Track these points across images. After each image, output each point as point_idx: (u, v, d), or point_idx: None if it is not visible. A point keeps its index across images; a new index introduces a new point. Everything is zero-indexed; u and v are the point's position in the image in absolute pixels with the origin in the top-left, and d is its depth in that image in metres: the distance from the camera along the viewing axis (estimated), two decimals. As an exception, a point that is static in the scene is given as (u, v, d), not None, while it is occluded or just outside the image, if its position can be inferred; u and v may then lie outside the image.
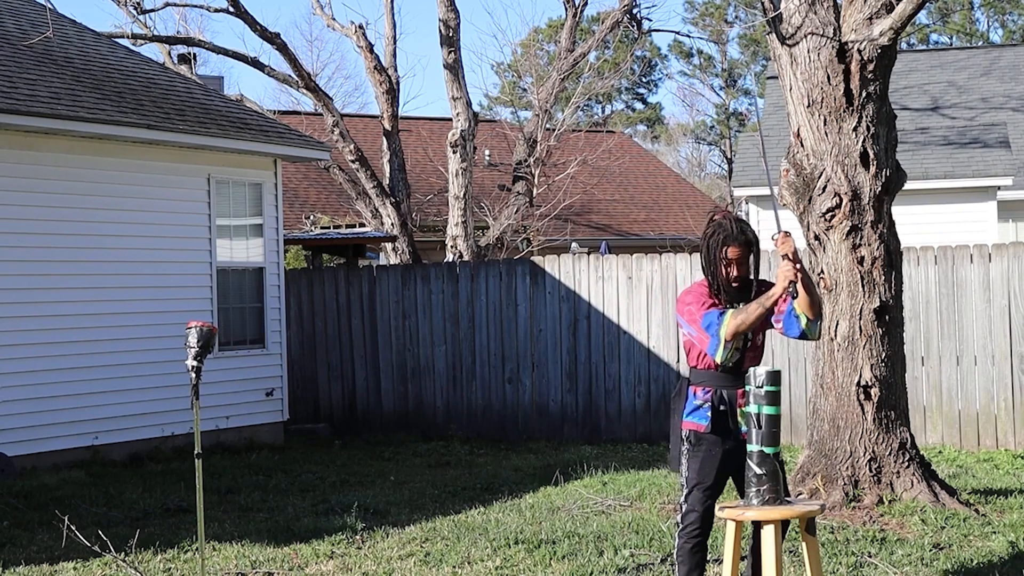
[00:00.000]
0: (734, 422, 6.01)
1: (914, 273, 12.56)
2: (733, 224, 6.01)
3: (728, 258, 5.96)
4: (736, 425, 6.01)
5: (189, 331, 6.54)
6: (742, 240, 5.97)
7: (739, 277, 5.98)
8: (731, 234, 5.98)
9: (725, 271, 5.96)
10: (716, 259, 5.97)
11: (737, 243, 5.96)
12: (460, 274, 14.68)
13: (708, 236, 6.03)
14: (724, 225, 6.01)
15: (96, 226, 12.39)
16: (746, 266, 5.99)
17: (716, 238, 5.98)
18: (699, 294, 6.09)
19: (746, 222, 6.00)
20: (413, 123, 28.89)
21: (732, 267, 5.97)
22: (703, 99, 57.52)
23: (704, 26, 53.77)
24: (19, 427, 11.60)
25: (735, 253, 5.97)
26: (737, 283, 5.98)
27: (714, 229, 6.02)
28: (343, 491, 10.65)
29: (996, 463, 11.45)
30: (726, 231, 5.98)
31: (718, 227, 6.02)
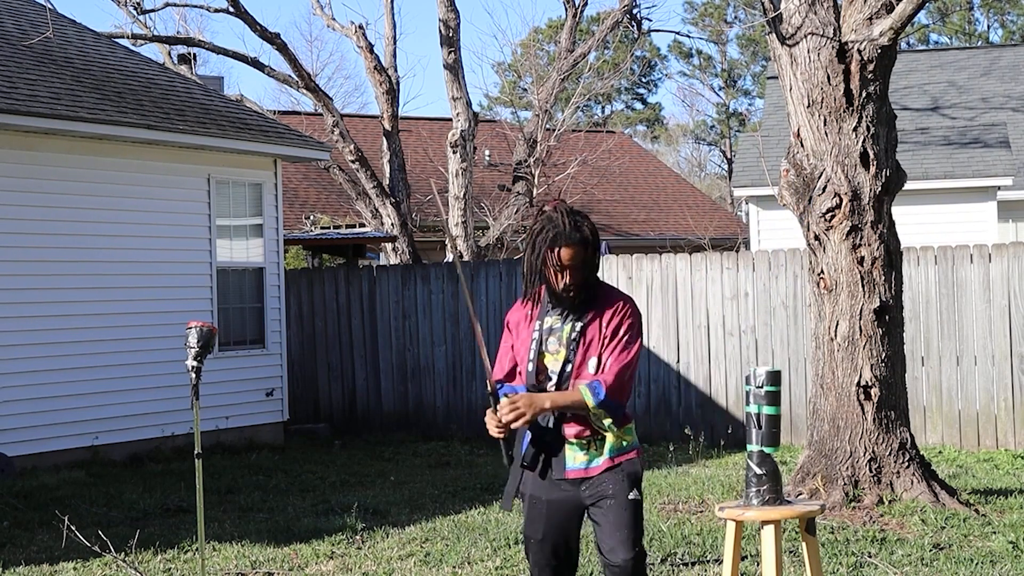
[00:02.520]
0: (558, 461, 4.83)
1: (914, 273, 12.56)
2: (566, 218, 4.79)
3: (560, 262, 4.75)
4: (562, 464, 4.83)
5: (189, 331, 6.53)
6: (577, 239, 4.76)
7: (573, 284, 4.78)
8: (563, 231, 4.76)
9: (556, 276, 4.77)
10: (545, 262, 4.78)
11: (571, 243, 4.75)
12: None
13: (535, 233, 4.81)
14: (555, 220, 4.79)
15: (96, 226, 12.39)
16: (583, 270, 4.78)
17: (544, 236, 4.77)
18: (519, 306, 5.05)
19: (583, 215, 4.88)
20: (413, 123, 28.90)
21: (565, 273, 4.77)
22: (703, 99, 57.55)
23: (704, 26, 53.78)
24: (19, 427, 11.61)
25: (568, 255, 4.75)
26: (572, 291, 4.80)
27: (542, 225, 4.81)
28: (343, 491, 10.65)
29: (996, 463, 11.45)
30: (557, 227, 4.76)
31: (547, 222, 4.80)
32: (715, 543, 7.88)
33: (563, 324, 4.85)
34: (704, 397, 13.46)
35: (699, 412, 13.38)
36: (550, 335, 4.87)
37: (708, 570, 7.40)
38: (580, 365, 4.81)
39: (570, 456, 4.84)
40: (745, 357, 13.27)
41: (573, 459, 4.84)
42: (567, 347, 4.84)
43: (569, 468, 4.83)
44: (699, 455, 12.24)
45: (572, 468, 4.83)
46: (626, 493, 4.78)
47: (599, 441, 4.84)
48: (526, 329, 4.95)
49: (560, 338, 4.85)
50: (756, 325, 13.27)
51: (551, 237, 4.77)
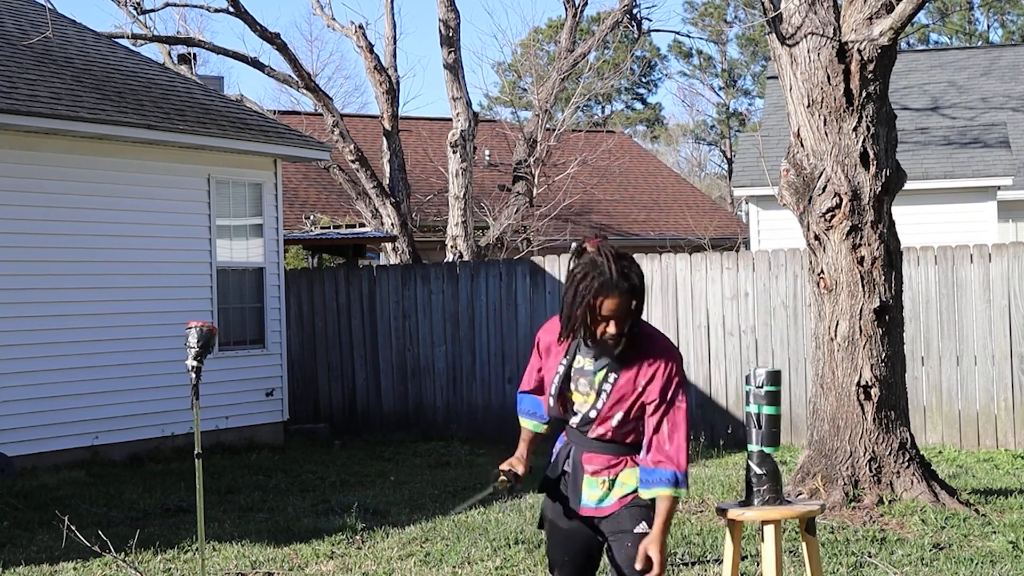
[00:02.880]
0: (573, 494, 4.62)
1: (914, 273, 12.56)
2: (613, 264, 4.34)
3: (603, 314, 4.34)
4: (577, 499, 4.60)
5: (189, 331, 6.53)
6: (624, 288, 4.34)
7: (617, 334, 4.37)
8: (609, 279, 4.32)
9: (598, 327, 4.36)
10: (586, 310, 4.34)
11: (618, 292, 4.33)
12: (460, 274, 14.69)
13: (577, 277, 4.35)
14: (600, 266, 4.34)
15: (96, 226, 12.39)
16: (628, 319, 4.37)
17: (588, 284, 4.33)
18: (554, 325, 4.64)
19: (629, 258, 4.42)
20: (413, 123, 28.90)
21: (609, 323, 4.35)
22: (703, 99, 57.55)
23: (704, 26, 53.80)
24: (19, 427, 11.61)
25: (612, 306, 4.33)
26: (614, 341, 4.39)
27: (585, 270, 4.35)
28: (343, 491, 10.65)
29: (996, 463, 11.45)
30: (603, 275, 4.32)
31: (591, 268, 4.34)
32: (715, 543, 7.88)
33: (595, 369, 4.50)
34: (704, 397, 13.46)
35: (699, 412, 13.38)
36: (581, 375, 4.53)
37: (708, 570, 7.40)
38: (606, 416, 4.51)
39: (586, 492, 4.61)
40: (745, 357, 13.28)
41: (588, 496, 4.60)
42: (596, 393, 4.50)
43: (583, 505, 4.60)
44: (699, 455, 12.25)
45: (585, 506, 4.60)
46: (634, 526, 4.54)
47: (613, 480, 4.59)
48: (554, 357, 4.62)
49: (592, 382, 4.51)
50: (756, 325, 13.27)
51: (596, 286, 4.32)
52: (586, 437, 4.55)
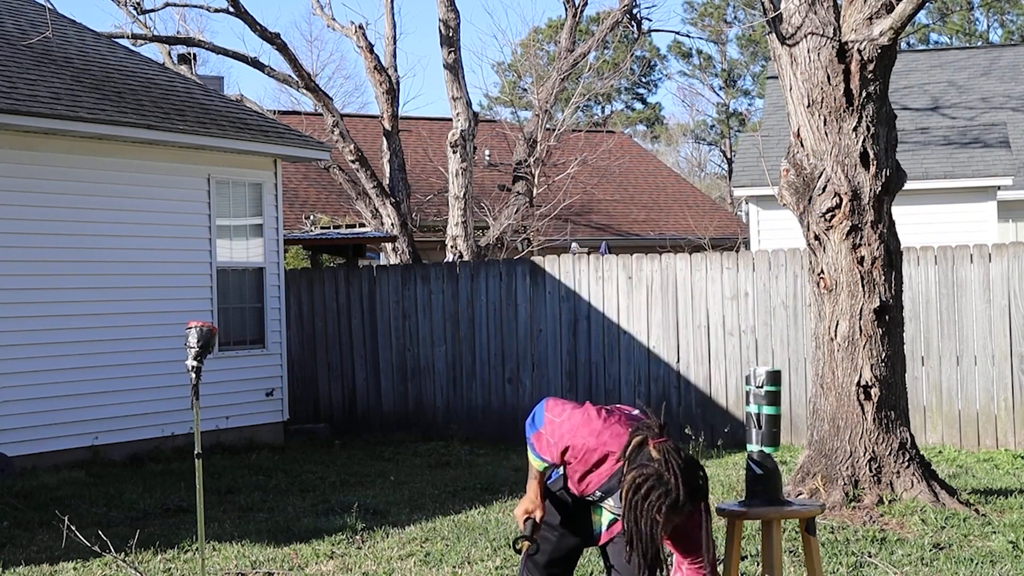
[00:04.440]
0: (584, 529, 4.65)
1: (914, 273, 12.56)
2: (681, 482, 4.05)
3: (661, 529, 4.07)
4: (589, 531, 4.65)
5: (189, 331, 6.53)
6: (690, 508, 4.11)
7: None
8: (678, 501, 4.04)
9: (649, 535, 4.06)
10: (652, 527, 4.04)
11: (685, 512, 4.11)
12: (460, 274, 14.68)
13: (642, 491, 4.04)
14: (667, 482, 4.04)
15: (96, 226, 12.39)
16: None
17: (656, 503, 4.03)
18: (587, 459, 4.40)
19: (696, 465, 4.17)
20: (413, 123, 28.90)
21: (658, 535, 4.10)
22: (703, 99, 57.55)
23: (704, 26, 53.80)
24: (19, 427, 11.61)
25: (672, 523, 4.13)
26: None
27: (651, 484, 4.04)
28: (343, 491, 10.65)
29: (996, 463, 11.45)
30: (671, 496, 4.02)
31: (657, 482, 4.03)
32: (716, 543, 7.87)
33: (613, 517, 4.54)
34: (704, 397, 13.46)
35: (699, 412, 13.38)
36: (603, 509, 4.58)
37: (708, 570, 7.39)
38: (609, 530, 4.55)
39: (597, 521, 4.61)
40: (745, 357, 13.27)
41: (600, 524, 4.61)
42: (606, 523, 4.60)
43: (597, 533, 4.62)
44: (699, 455, 12.24)
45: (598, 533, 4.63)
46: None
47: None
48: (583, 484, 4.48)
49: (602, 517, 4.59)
50: (756, 325, 13.27)
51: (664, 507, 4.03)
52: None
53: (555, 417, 4.44)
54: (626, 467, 4.11)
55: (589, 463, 4.37)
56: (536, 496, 4.54)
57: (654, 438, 4.14)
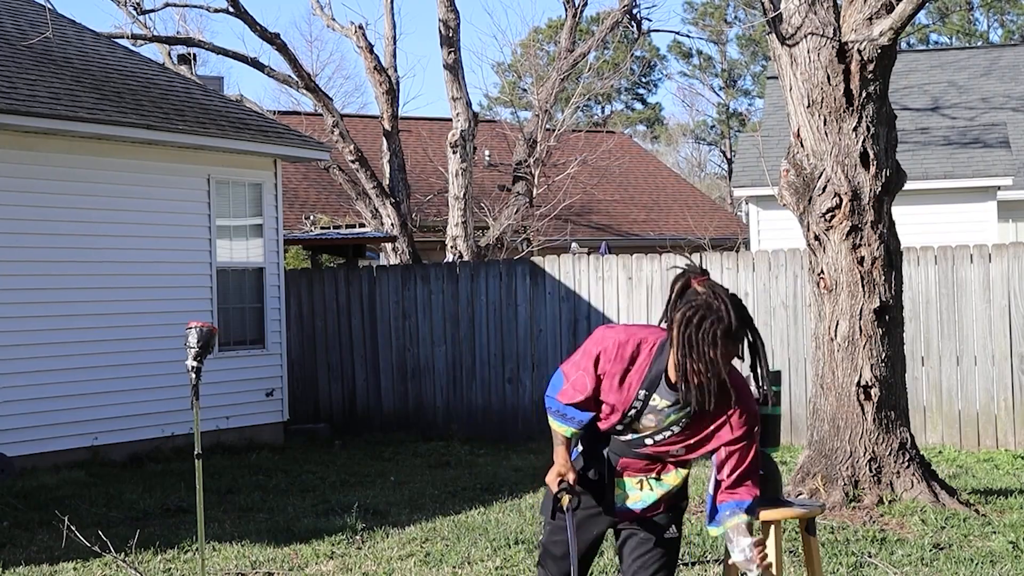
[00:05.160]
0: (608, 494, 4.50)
1: (914, 273, 12.56)
2: (731, 310, 4.04)
3: (723, 361, 4.05)
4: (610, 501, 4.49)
5: (189, 331, 6.53)
6: (742, 336, 4.11)
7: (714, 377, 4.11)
8: (730, 328, 4.03)
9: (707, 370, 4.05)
10: (704, 359, 4.01)
11: (736, 342, 4.08)
12: (460, 274, 14.68)
13: (695, 323, 4.01)
14: (718, 311, 4.02)
15: (96, 226, 12.38)
16: (730, 365, 4.15)
17: (710, 331, 4.00)
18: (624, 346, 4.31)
19: (738, 299, 4.12)
20: (413, 123, 28.90)
21: (720, 368, 4.07)
22: (703, 99, 57.56)
23: (704, 26, 53.81)
24: (19, 427, 11.60)
25: (729, 356, 4.08)
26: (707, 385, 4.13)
27: (702, 314, 4.01)
28: (343, 491, 10.65)
29: (996, 463, 11.45)
30: (724, 323, 4.01)
31: (708, 311, 4.01)
32: (715, 543, 7.88)
33: (669, 412, 4.30)
34: (704, 397, 13.44)
35: (699, 412, 13.37)
36: (651, 412, 4.33)
37: (708, 570, 7.40)
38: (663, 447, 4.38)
39: (620, 494, 4.48)
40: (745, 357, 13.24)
41: (623, 499, 4.48)
42: (660, 428, 4.34)
43: (620, 508, 4.49)
44: (699, 455, 12.23)
45: (623, 508, 4.49)
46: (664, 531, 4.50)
47: (655, 480, 4.48)
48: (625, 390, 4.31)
49: (660, 421, 4.33)
50: (756, 325, 13.24)
51: (718, 334, 3.99)
52: (630, 448, 4.44)
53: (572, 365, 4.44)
54: (672, 310, 4.13)
55: (625, 358, 4.28)
56: (565, 460, 4.43)
57: (696, 277, 4.15)
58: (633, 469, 4.47)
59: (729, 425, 4.30)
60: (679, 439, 4.36)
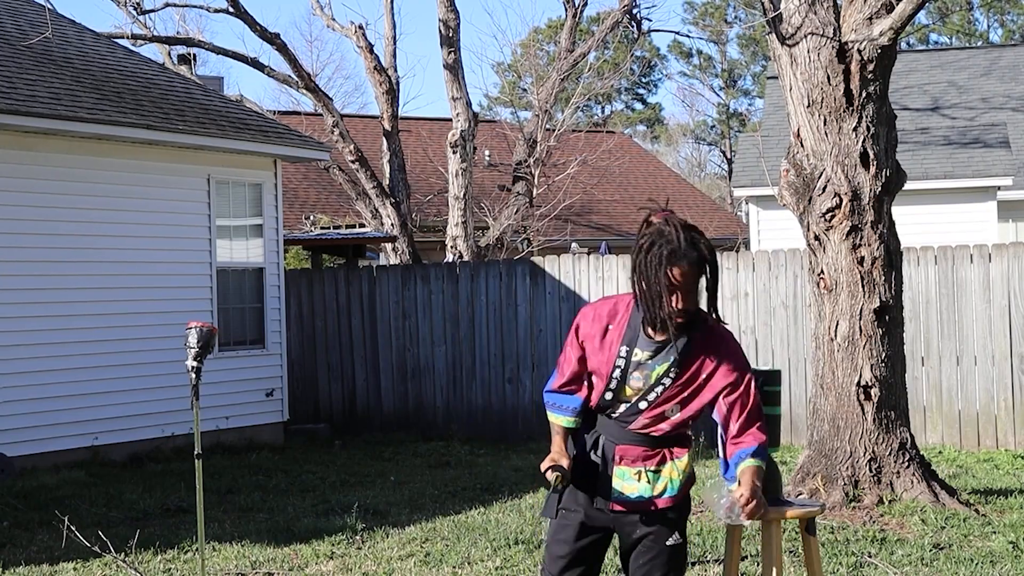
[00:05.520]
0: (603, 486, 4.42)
1: (914, 273, 12.56)
2: (680, 233, 4.21)
3: (673, 282, 4.17)
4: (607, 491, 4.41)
5: (189, 331, 6.53)
6: (693, 258, 4.18)
7: (684, 309, 4.21)
8: (678, 248, 4.17)
9: (667, 299, 4.18)
10: (655, 281, 4.17)
11: (687, 261, 4.16)
12: (460, 274, 14.68)
13: (644, 247, 4.23)
14: (668, 235, 4.20)
15: (95, 226, 12.39)
16: (695, 293, 4.23)
17: (656, 253, 4.18)
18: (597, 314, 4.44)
19: (698, 230, 4.30)
20: (413, 123, 28.90)
21: (675, 295, 4.18)
22: (703, 99, 57.57)
23: (704, 26, 53.81)
24: (19, 427, 11.61)
25: (681, 276, 4.17)
26: (681, 317, 4.22)
27: (652, 239, 4.22)
28: (343, 491, 10.65)
29: (996, 463, 11.45)
30: (672, 244, 4.17)
31: (658, 236, 4.21)
32: (715, 543, 7.88)
33: (655, 363, 4.32)
34: (704, 397, 13.44)
35: (699, 412, 13.36)
36: (637, 369, 4.34)
37: (708, 570, 7.40)
38: (657, 406, 4.35)
39: (618, 484, 4.40)
40: (745, 357, 13.25)
41: (622, 488, 4.40)
42: (650, 387, 4.34)
43: (615, 499, 4.41)
44: (699, 455, 12.23)
45: (620, 499, 4.41)
46: (666, 538, 4.43)
47: (653, 474, 4.42)
48: (606, 351, 4.37)
49: (648, 376, 4.33)
50: (756, 325, 13.27)
51: (665, 255, 4.15)
52: (624, 429, 4.40)
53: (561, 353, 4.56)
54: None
55: (603, 316, 4.41)
56: (560, 448, 4.46)
57: (657, 213, 4.36)
58: (630, 458, 4.41)
59: (719, 371, 4.33)
60: (672, 394, 4.35)
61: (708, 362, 4.33)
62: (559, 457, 4.43)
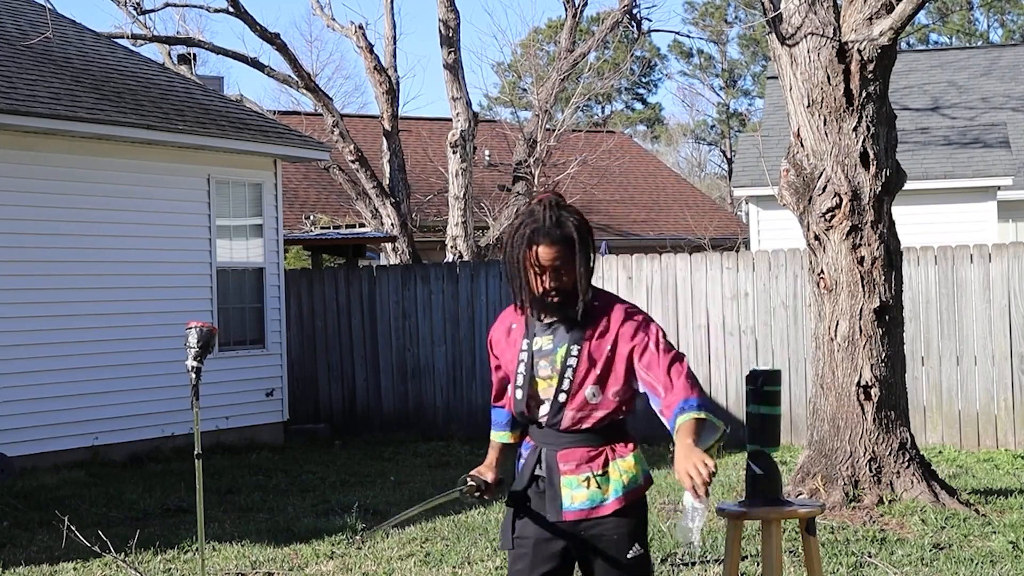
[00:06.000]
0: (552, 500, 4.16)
1: (914, 273, 12.56)
2: (548, 212, 4.08)
3: (539, 262, 4.06)
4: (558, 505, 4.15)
5: (189, 331, 6.52)
6: (557, 236, 4.04)
7: (555, 288, 4.08)
8: (542, 227, 4.05)
9: (535, 280, 4.07)
10: (520, 262, 4.08)
11: (550, 240, 4.04)
12: (460, 274, 14.68)
13: (513, 229, 4.12)
14: (535, 214, 4.08)
15: (96, 226, 12.39)
16: (564, 272, 4.07)
17: (521, 233, 4.07)
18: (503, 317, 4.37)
19: (573, 210, 4.17)
20: (413, 123, 28.90)
21: (545, 275, 4.07)
22: (703, 99, 57.57)
23: (704, 26, 53.80)
24: (19, 427, 11.61)
25: (547, 255, 4.05)
26: (554, 296, 4.09)
27: (521, 220, 4.11)
28: (343, 491, 10.65)
29: (996, 463, 11.45)
30: (536, 222, 4.06)
31: (527, 217, 4.09)
32: (715, 543, 7.88)
33: (555, 346, 4.15)
34: (704, 397, 13.43)
35: (699, 412, 13.36)
36: (541, 357, 4.17)
37: (708, 570, 7.40)
38: (577, 392, 4.12)
39: (567, 495, 4.15)
40: (745, 357, 13.27)
41: (571, 499, 4.14)
42: (560, 373, 4.13)
43: (567, 509, 4.14)
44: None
45: (570, 509, 4.14)
46: (626, 551, 4.14)
47: (601, 477, 4.14)
48: (511, 348, 4.26)
49: (553, 361, 4.15)
50: (756, 325, 13.27)
51: (528, 234, 4.06)
52: (558, 432, 4.16)
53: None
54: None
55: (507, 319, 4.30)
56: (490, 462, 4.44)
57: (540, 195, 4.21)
58: (574, 462, 4.14)
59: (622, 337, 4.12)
60: (583, 374, 4.11)
61: (608, 332, 4.13)
62: (484, 470, 4.38)
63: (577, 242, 4.07)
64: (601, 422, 4.16)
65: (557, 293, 4.09)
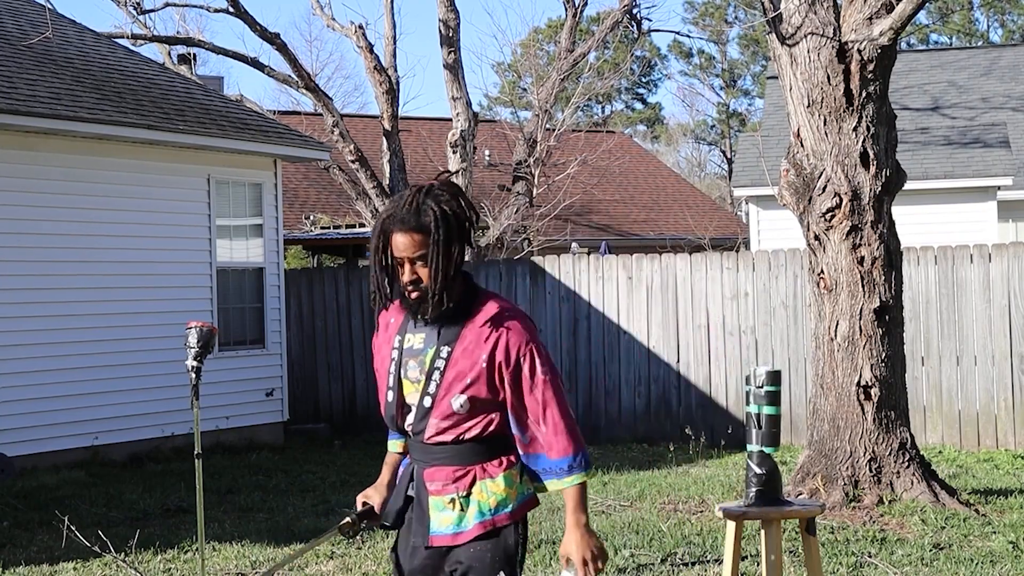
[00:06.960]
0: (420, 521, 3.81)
1: (914, 273, 12.56)
2: (411, 198, 3.67)
3: (395, 254, 3.68)
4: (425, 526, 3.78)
5: (189, 331, 6.53)
6: (412, 224, 3.63)
7: (414, 283, 3.68)
8: (396, 213, 3.65)
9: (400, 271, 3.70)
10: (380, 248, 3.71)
11: (403, 227, 3.64)
12: (460, 274, 14.66)
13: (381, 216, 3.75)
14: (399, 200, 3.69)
15: (96, 226, 12.39)
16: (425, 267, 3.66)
17: (379, 219, 3.71)
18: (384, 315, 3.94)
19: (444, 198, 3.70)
20: (413, 123, 28.90)
21: (403, 267, 3.68)
22: (703, 99, 57.57)
23: (704, 26, 53.81)
24: (19, 427, 11.61)
25: (400, 244, 3.64)
26: (414, 291, 3.70)
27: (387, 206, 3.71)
28: (343, 491, 10.65)
29: (996, 463, 11.45)
30: (393, 208, 3.67)
31: (392, 203, 3.69)
32: (715, 543, 7.88)
33: (426, 347, 3.77)
34: (704, 397, 13.46)
35: (699, 412, 13.37)
36: (410, 356, 3.80)
37: (708, 570, 7.40)
38: (443, 399, 3.72)
39: (435, 518, 3.77)
40: (745, 357, 13.27)
41: (439, 522, 3.76)
42: (427, 376, 3.75)
43: (434, 533, 3.77)
44: (699, 455, 12.24)
45: (436, 534, 3.77)
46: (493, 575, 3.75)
47: (464, 499, 3.74)
48: (386, 345, 3.87)
49: (422, 363, 3.77)
50: (756, 325, 13.27)
51: (383, 218, 3.68)
52: (425, 444, 3.77)
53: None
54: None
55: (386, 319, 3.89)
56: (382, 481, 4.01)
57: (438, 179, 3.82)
58: (440, 482, 3.77)
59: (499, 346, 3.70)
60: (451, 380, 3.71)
61: (486, 339, 3.69)
62: (372, 493, 3.99)
63: (434, 233, 3.63)
64: (469, 436, 3.74)
65: (415, 288, 3.68)
